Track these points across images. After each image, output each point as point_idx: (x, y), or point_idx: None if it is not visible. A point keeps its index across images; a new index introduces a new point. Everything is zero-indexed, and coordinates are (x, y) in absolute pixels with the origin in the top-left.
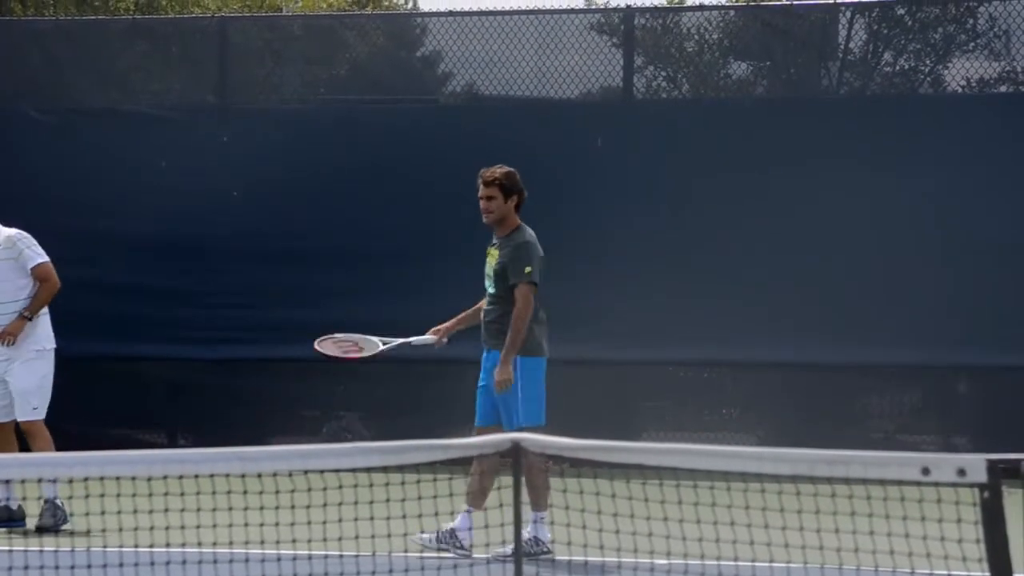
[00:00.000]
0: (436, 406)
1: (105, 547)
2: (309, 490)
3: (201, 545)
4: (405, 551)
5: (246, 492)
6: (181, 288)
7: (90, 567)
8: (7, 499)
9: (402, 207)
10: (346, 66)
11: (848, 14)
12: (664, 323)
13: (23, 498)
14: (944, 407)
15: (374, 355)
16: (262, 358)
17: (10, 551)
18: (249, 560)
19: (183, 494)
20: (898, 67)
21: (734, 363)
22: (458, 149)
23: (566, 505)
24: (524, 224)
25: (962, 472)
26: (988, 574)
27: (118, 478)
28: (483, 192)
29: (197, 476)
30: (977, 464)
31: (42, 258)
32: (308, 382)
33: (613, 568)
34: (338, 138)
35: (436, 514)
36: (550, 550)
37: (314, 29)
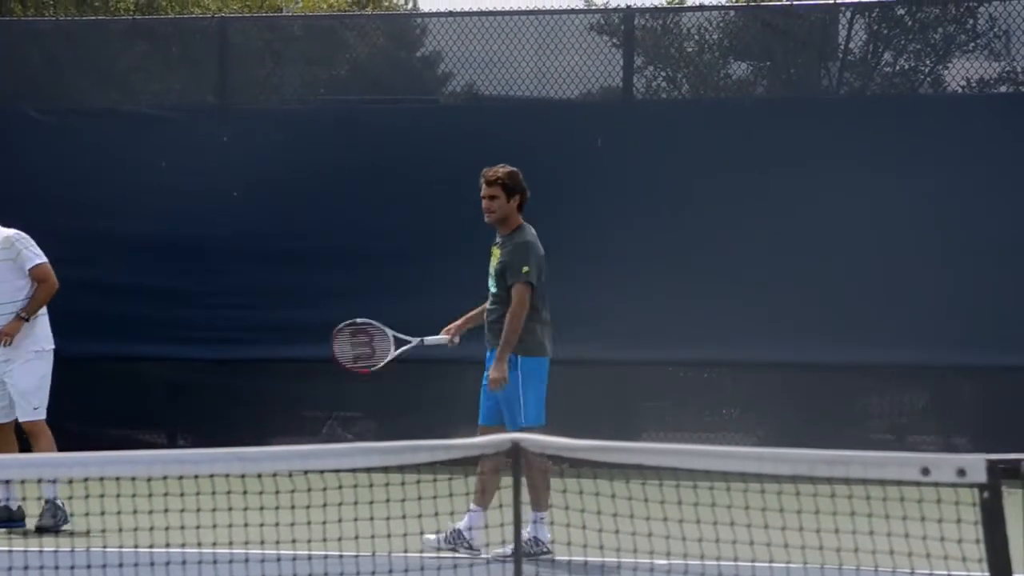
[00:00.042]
0: (436, 406)
1: (105, 547)
2: (309, 490)
3: (201, 545)
4: (405, 551)
5: (246, 492)
6: (181, 288)
7: (90, 567)
8: (7, 499)
9: (402, 207)
10: (346, 66)
11: (848, 14)
12: (664, 323)
13: (23, 498)
14: (944, 407)
15: (383, 367)
16: (262, 358)
17: (10, 551)
18: (249, 560)
19: (183, 494)
20: (898, 67)
21: (734, 363)
22: (458, 149)
23: (566, 505)
24: (526, 224)
25: (962, 472)
26: (988, 574)
27: (118, 478)
28: (485, 191)
29: (197, 476)
30: (977, 464)
31: (40, 259)
32: (308, 382)
33: (613, 568)
34: (338, 138)
35: (436, 514)
36: (550, 550)
37: (314, 29)
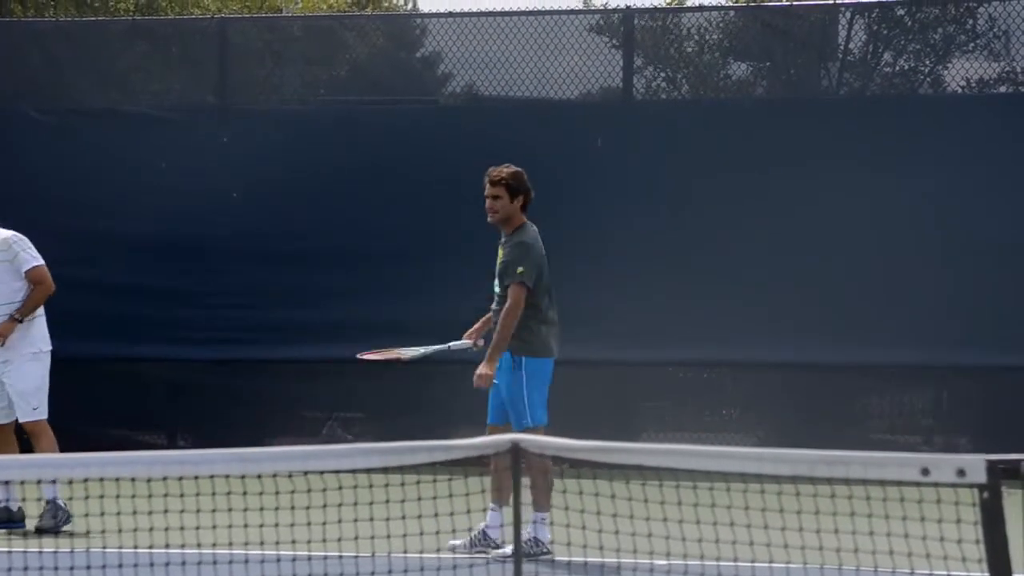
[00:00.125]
0: (436, 406)
1: (105, 548)
2: (309, 491)
3: (201, 546)
4: (404, 551)
5: (246, 493)
6: (181, 288)
7: (89, 568)
8: (7, 500)
9: (402, 207)
10: (346, 67)
11: (848, 14)
12: (664, 323)
13: (23, 499)
14: (944, 407)
15: (414, 358)
16: (262, 359)
17: (9, 552)
18: (249, 561)
19: (183, 495)
20: (898, 67)
21: (734, 363)
22: (458, 149)
23: (566, 505)
24: (529, 224)
25: (962, 472)
26: (988, 575)
27: (118, 479)
28: (489, 191)
29: (197, 477)
30: (977, 464)
31: (37, 261)
32: (308, 383)
33: (613, 568)
34: (338, 138)
35: (436, 515)
36: (550, 551)
37: (314, 30)
